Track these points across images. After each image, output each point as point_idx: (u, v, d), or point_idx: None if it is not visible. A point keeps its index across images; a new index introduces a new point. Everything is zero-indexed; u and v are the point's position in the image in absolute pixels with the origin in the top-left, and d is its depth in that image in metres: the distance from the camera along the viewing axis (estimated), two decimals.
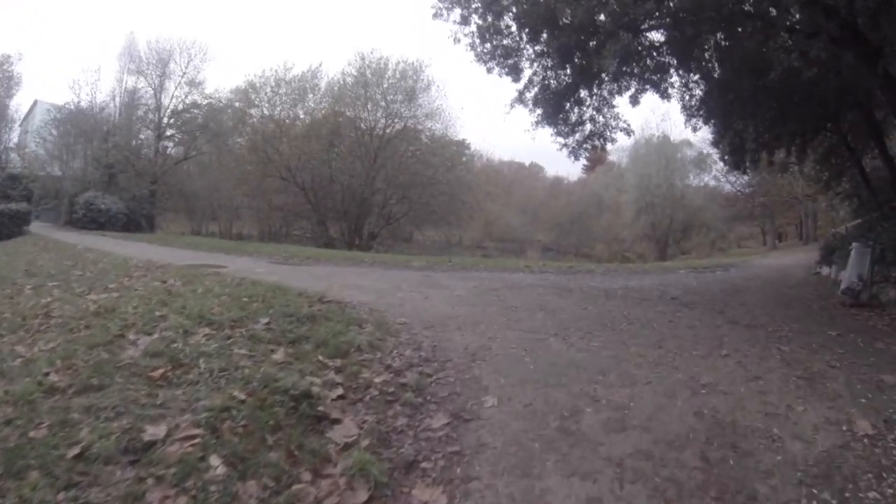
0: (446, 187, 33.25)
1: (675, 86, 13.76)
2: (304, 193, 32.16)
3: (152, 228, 35.89)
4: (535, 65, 13.14)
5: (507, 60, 12.79)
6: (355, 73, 32.92)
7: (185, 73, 37.02)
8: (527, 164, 65.97)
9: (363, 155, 32.54)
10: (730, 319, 7.67)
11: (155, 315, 5.32)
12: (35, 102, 42.52)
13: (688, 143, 45.49)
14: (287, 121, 33.08)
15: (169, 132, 38.50)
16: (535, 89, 13.50)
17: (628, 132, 14.75)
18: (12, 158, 55.27)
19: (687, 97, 14.04)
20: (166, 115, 37.30)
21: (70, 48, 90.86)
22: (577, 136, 14.70)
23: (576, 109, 14.21)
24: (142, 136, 37.35)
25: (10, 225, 23.53)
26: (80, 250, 14.97)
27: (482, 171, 40.92)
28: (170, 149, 39.87)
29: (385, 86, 32.59)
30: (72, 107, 37.54)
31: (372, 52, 32.99)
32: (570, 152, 14.95)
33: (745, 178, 37.08)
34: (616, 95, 14.39)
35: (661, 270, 15.22)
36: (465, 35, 12.39)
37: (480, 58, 12.90)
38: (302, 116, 33.91)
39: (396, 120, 33.38)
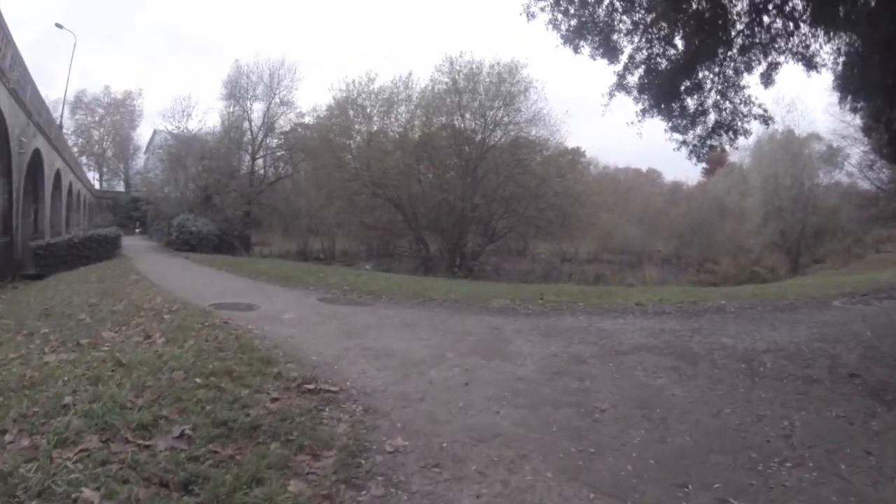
0: (555, 199, 29.51)
1: (825, 53, 10.58)
2: (399, 210, 29.87)
3: (248, 249, 35.76)
4: (636, 38, 10.38)
5: (597, 36, 10.21)
6: (446, 80, 30.08)
7: (275, 94, 37.15)
8: (644, 170, 62.29)
9: (459, 167, 29.89)
10: None
11: (60, 404, 4.09)
12: (155, 132, 43.38)
13: (816, 137, 40.83)
14: (379, 135, 31.00)
15: (263, 153, 38.62)
16: (639, 71, 10.63)
17: (766, 119, 11.30)
18: (135, 183, 59.52)
19: (842, 67, 10.68)
20: (260, 135, 37.39)
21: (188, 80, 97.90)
22: (699, 129, 11.49)
23: (694, 95, 11.19)
24: (237, 158, 37.25)
25: (99, 249, 23.34)
26: (130, 281, 13.78)
27: (598, 180, 36.94)
28: (264, 169, 40.07)
29: (480, 91, 29.58)
30: (177, 133, 38.88)
31: (461, 56, 30.02)
32: (691, 151, 11.80)
33: (886, 173, 33.50)
34: (744, 73, 11.36)
35: (807, 301, 11.52)
36: (543, 9, 9.97)
37: (566, 37, 10.36)
38: (396, 129, 31.65)
39: (496, 128, 30.21)
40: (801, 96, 65.44)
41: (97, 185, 72.03)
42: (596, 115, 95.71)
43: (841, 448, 4.17)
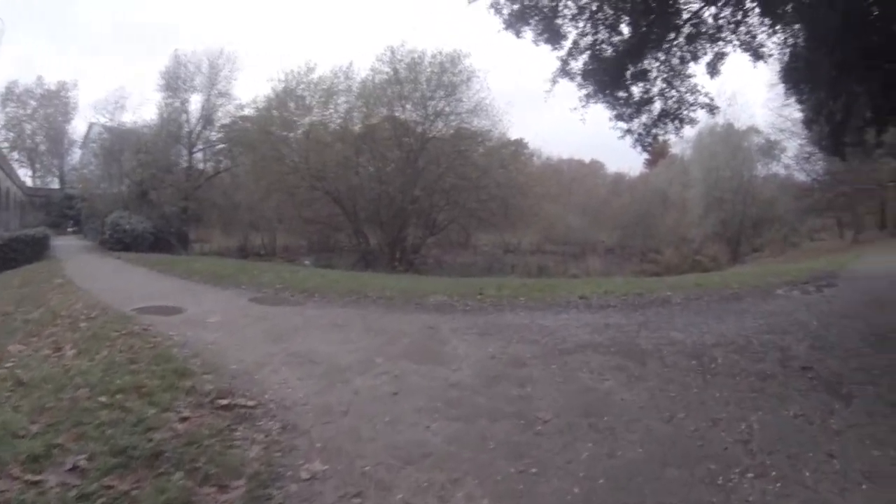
0: (497, 191, 29.25)
1: (771, 43, 10.49)
2: (337, 203, 29.16)
3: (186, 246, 34.62)
4: (581, 24, 10.11)
5: (541, 21, 9.86)
6: (387, 70, 29.46)
7: (214, 86, 35.84)
8: (587, 161, 62.76)
9: (400, 159, 29.40)
10: None
11: None
12: (90, 125, 41.85)
13: (755, 131, 42.17)
14: (318, 126, 30.07)
15: (201, 146, 37.19)
16: (584, 57, 10.48)
17: (712, 108, 11.46)
18: (70, 179, 56.98)
19: (788, 59, 10.58)
20: (198, 128, 36.15)
21: (124, 71, 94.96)
22: (644, 118, 11.51)
23: (639, 83, 10.99)
24: (175, 152, 35.84)
25: (26, 251, 22.20)
26: (54, 285, 13.08)
27: (540, 171, 36.70)
28: (203, 163, 38.90)
29: (422, 82, 29.05)
30: (111, 126, 37.75)
31: (403, 46, 29.42)
32: (637, 140, 11.77)
33: (821, 165, 34.32)
34: (690, 62, 11.19)
35: (751, 290, 11.53)
36: None
37: (508, 21, 10.02)
38: (335, 120, 30.85)
39: (437, 118, 29.70)
40: (741, 90, 68.15)
41: (29, 183, 68.53)
42: (539, 105, 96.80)
43: (803, 452, 4.00)
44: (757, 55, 10.66)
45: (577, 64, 10.70)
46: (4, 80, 62.71)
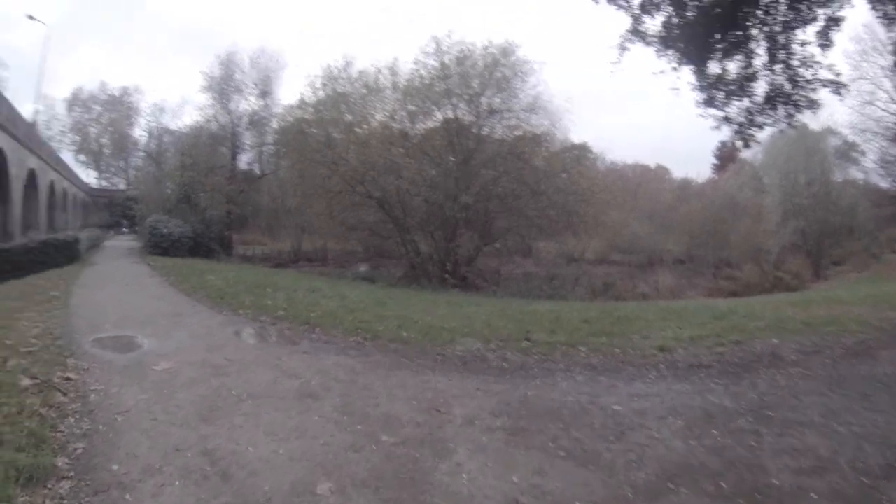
0: (558, 197, 25.96)
1: None
2: (383, 209, 26.71)
3: (228, 251, 33.65)
4: None
5: None
6: (433, 64, 26.52)
7: (256, 85, 35.40)
8: (652, 166, 59.70)
9: (449, 161, 26.79)
10: None
11: None
12: (151, 129, 41.08)
13: (830, 132, 38.59)
14: (360, 126, 27.67)
15: (245, 149, 36.80)
16: (662, 16, 8.12)
17: (838, 86, 8.37)
18: (133, 181, 57.88)
19: None
20: (241, 130, 35.28)
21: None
22: (745, 101, 9.14)
23: (735, 55, 8.39)
24: (218, 155, 35.00)
25: (56, 255, 21.58)
26: (44, 297, 12.22)
27: (605, 176, 33.47)
28: (249, 165, 38.26)
29: (472, 75, 26.21)
30: (157, 129, 38.66)
31: (449, 37, 26.51)
32: (737, 132, 9.25)
33: None
34: (794, 29, 8.63)
35: (880, 334, 8.59)
36: None
37: None
38: (379, 119, 28.27)
39: (490, 116, 26.82)
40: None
41: (96, 184, 72.18)
42: (599, 106, 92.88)
43: None
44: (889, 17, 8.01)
45: (654, 24, 8.28)
46: (71, 86, 65.30)
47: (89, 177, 70.99)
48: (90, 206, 64.99)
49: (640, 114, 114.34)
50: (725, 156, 64.14)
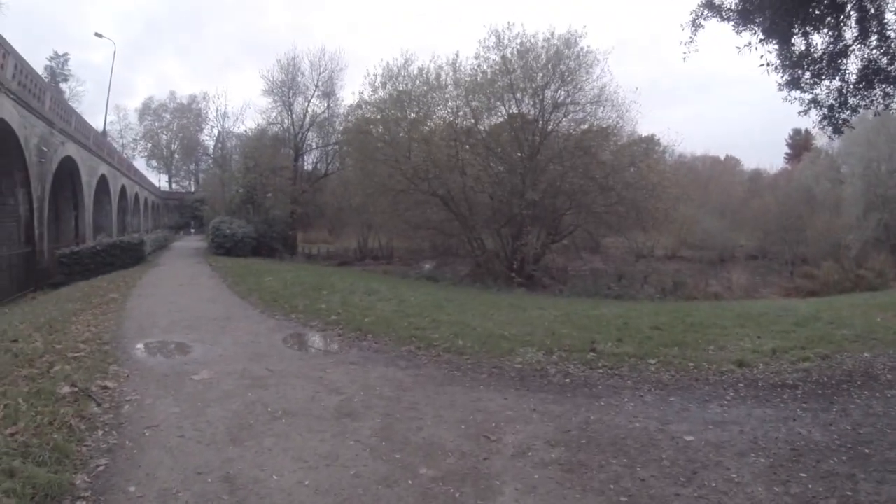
0: (627, 192, 24.91)
1: None
2: (447, 207, 26.29)
3: (292, 250, 34.29)
4: None
5: None
6: (494, 58, 25.82)
7: (317, 86, 35.75)
8: (721, 157, 57.71)
9: (514, 157, 26.07)
10: None
11: None
12: (219, 133, 42.90)
13: None
14: (422, 123, 27.34)
15: (308, 148, 37.43)
16: None
17: None
18: (201, 184, 59.87)
19: None
20: (303, 130, 35.56)
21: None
22: (836, 81, 8.14)
23: (823, 28, 7.58)
24: (281, 156, 35.47)
25: (122, 256, 22.70)
26: (105, 299, 12.87)
27: (674, 170, 31.88)
28: (313, 165, 38.57)
29: (535, 69, 25.25)
30: (224, 133, 39.93)
31: (510, 29, 25.62)
32: (826, 117, 8.14)
33: None
34: None
35: None
36: None
37: None
38: (441, 115, 28.00)
39: (555, 110, 25.79)
40: None
41: (167, 187, 76.72)
42: (666, 99, 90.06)
43: None
44: None
45: None
46: (143, 97, 69.28)
47: (161, 181, 75.35)
48: (161, 208, 67.85)
49: (708, 103, 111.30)
50: (799, 144, 61.41)
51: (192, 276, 18.19)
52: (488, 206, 26.77)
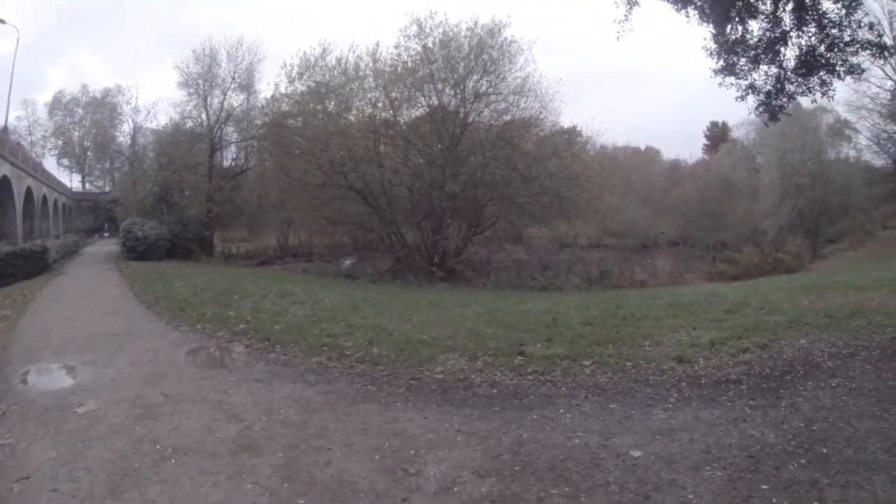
0: (550, 183, 24.80)
1: None
2: (365, 201, 25.52)
3: (209, 251, 32.59)
4: None
5: None
6: (415, 47, 25.29)
7: (234, 79, 34.27)
8: (642, 147, 59.30)
9: (433, 150, 25.50)
10: None
11: None
12: (135, 129, 41.97)
13: (823, 110, 37.82)
14: (339, 116, 26.13)
15: (222, 145, 35.74)
16: None
17: (882, 49, 7.46)
18: (116, 184, 56.88)
19: None
20: (218, 125, 34.08)
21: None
22: (773, 67, 8.13)
23: (759, 15, 7.69)
24: (196, 152, 33.86)
25: (25, 266, 20.58)
26: None
27: (597, 160, 31.98)
28: (229, 162, 37.22)
29: (457, 58, 24.84)
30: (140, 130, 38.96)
31: (432, 17, 25.08)
32: (763, 104, 7.98)
33: None
34: None
35: None
36: None
37: None
38: (358, 107, 26.96)
39: (476, 101, 25.44)
40: None
41: (81, 187, 70.85)
42: (585, 90, 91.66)
43: None
44: None
45: None
46: (53, 91, 64.93)
47: (73, 181, 69.89)
48: (74, 210, 63.57)
49: (628, 95, 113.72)
50: (717, 136, 63.82)
51: (97, 286, 16.88)
52: (408, 200, 26.25)
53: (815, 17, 7.59)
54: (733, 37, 8.02)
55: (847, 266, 25.83)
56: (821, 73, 7.88)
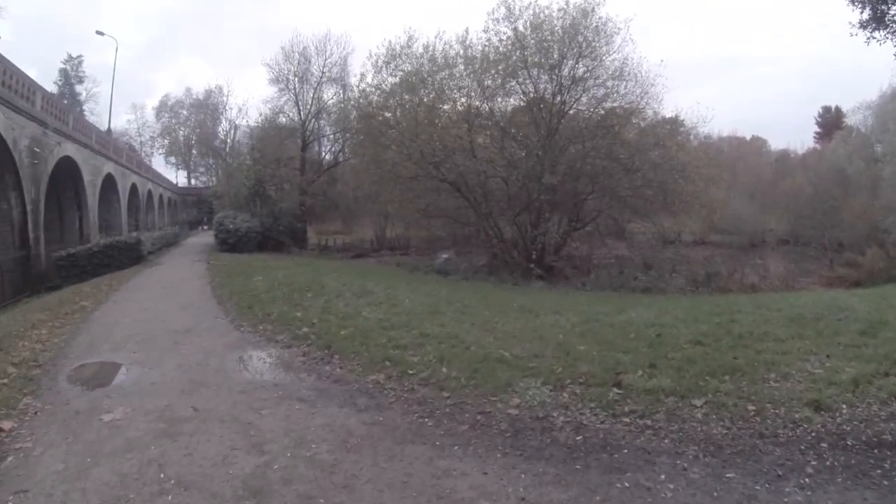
0: (653, 174, 22.98)
1: None
2: (460, 193, 24.70)
3: (302, 244, 33.21)
4: None
5: None
6: (505, 31, 23.98)
7: (324, 73, 34.82)
8: (748, 137, 55.70)
9: (526, 140, 24.34)
10: None
11: None
12: (236, 127, 44.33)
13: None
14: (429, 105, 25.01)
15: (314, 138, 36.56)
16: None
17: None
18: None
19: None
20: (310, 119, 34.39)
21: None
22: None
23: None
24: (288, 146, 34.40)
25: (120, 257, 21.80)
26: (73, 309, 11.97)
27: (699, 151, 29.42)
28: (323, 155, 37.54)
29: (551, 41, 23.30)
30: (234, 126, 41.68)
31: None
32: None
33: None
34: None
35: None
36: None
37: None
38: (450, 96, 25.76)
39: (573, 86, 23.78)
40: None
41: (187, 183, 77.26)
42: (684, 80, 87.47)
43: None
44: None
45: None
46: (160, 95, 70.74)
47: (179, 177, 75.04)
48: (179, 204, 67.95)
49: (732, 84, 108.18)
50: (830, 122, 58.94)
51: (182, 278, 17.13)
52: (504, 193, 25.06)
53: None
54: None
55: None
56: None
